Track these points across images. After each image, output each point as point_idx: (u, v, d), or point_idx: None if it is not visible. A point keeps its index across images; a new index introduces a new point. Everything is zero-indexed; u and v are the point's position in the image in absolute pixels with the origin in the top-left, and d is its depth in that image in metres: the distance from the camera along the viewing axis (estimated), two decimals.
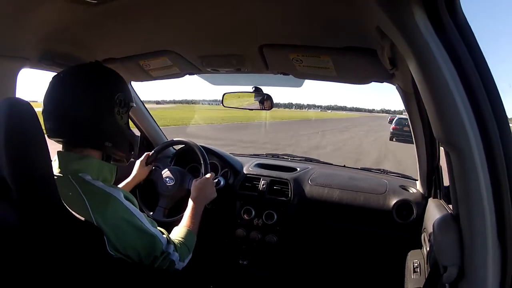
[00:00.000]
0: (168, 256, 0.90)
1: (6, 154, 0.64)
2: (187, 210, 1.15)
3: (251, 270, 1.67)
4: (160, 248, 0.87)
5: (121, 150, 0.93)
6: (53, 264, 0.69)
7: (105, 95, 0.87)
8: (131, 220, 0.82)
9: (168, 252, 0.89)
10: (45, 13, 0.87)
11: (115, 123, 0.89)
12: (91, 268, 0.75)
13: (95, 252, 0.76)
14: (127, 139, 0.94)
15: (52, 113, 0.84)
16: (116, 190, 0.85)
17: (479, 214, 0.57)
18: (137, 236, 0.82)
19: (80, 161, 0.85)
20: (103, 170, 0.88)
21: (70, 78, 0.86)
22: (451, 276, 0.64)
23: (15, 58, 1.07)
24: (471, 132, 0.55)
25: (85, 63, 0.92)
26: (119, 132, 0.91)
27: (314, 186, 1.64)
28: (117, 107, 0.89)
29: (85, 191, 0.80)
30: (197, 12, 0.89)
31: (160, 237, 0.88)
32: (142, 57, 1.26)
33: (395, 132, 14.68)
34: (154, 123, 1.91)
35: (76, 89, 0.84)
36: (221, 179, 1.63)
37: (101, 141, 0.87)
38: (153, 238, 0.86)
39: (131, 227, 0.82)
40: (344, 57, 1.04)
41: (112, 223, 0.79)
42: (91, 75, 0.88)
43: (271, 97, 1.57)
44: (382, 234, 1.49)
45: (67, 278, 0.71)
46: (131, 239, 0.81)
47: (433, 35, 0.56)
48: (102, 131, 0.87)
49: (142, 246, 0.84)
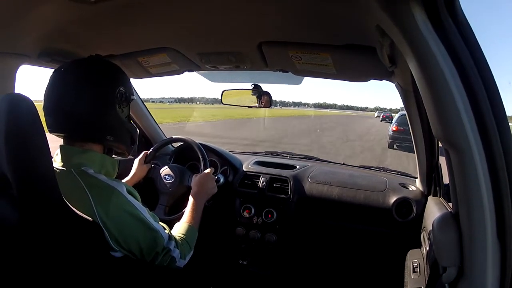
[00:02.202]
0: (169, 253, 0.89)
1: (7, 150, 0.63)
2: (188, 206, 1.15)
3: (250, 270, 1.67)
4: (161, 244, 0.87)
5: (123, 143, 0.94)
6: (54, 261, 0.69)
7: (106, 89, 0.87)
8: (134, 214, 0.83)
9: (169, 249, 0.89)
10: (44, 11, 0.87)
11: (116, 116, 0.89)
12: (93, 266, 0.75)
13: (97, 250, 0.76)
14: (129, 132, 0.95)
15: (53, 108, 0.84)
16: (119, 183, 0.85)
17: (478, 213, 0.57)
18: (139, 230, 0.83)
19: (82, 155, 0.85)
20: (106, 164, 0.89)
21: (72, 73, 0.86)
22: (450, 276, 0.64)
23: (14, 55, 1.07)
24: (470, 130, 0.55)
25: (85, 58, 0.92)
26: (120, 126, 0.91)
27: (313, 183, 1.64)
28: (118, 100, 0.89)
29: (88, 184, 0.80)
30: (196, 9, 0.88)
31: (162, 232, 0.88)
32: (141, 54, 1.26)
33: (397, 136, 9.92)
34: (153, 120, 1.91)
35: (78, 84, 0.84)
36: (221, 177, 1.63)
37: (103, 135, 0.87)
38: (155, 232, 0.86)
39: (134, 221, 0.82)
40: (344, 54, 1.03)
41: (115, 216, 0.79)
42: (93, 69, 0.88)
43: (270, 94, 1.57)
44: (382, 232, 1.49)
45: (68, 276, 0.71)
46: (133, 233, 0.82)
47: (432, 33, 0.56)
48: (103, 125, 0.87)
49: (144, 240, 0.84)
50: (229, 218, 1.69)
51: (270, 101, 1.59)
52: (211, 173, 1.29)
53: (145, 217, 0.85)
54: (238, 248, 1.71)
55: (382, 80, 1.20)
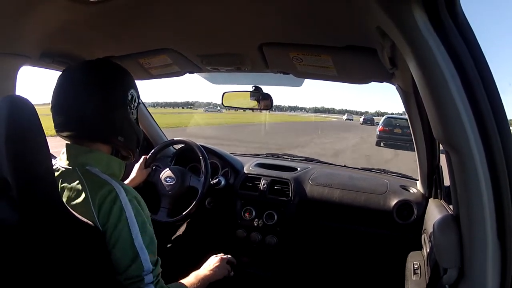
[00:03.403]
0: (141, 282, 0.77)
1: (7, 152, 0.63)
2: (197, 273, 1.03)
3: (250, 272, 1.67)
4: (137, 270, 0.77)
5: (131, 145, 0.93)
6: (52, 264, 0.69)
7: (119, 91, 0.87)
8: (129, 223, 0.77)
9: (142, 277, 0.77)
10: (45, 12, 0.87)
11: (128, 118, 0.89)
12: (91, 268, 0.75)
13: (95, 252, 0.76)
14: (137, 135, 0.94)
15: (64, 107, 0.83)
16: (121, 186, 0.81)
17: (479, 215, 0.57)
18: (125, 241, 0.77)
19: (89, 154, 0.85)
20: (111, 165, 0.88)
21: (83, 74, 0.85)
22: (451, 278, 0.64)
23: (15, 56, 1.07)
24: (471, 132, 0.55)
25: (96, 59, 0.92)
26: (131, 128, 0.91)
27: (314, 185, 1.63)
28: (130, 103, 0.89)
29: (89, 183, 0.79)
30: (197, 11, 0.89)
31: (144, 259, 0.78)
32: (142, 55, 1.26)
33: (383, 135, 11.76)
34: (154, 123, 1.92)
35: (89, 84, 0.83)
36: (222, 179, 1.63)
37: (114, 135, 0.87)
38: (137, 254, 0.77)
39: (126, 232, 0.77)
40: (345, 56, 1.03)
41: (110, 220, 0.76)
42: (105, 71, 0.88)
43: (271, 97, 1.57)
44: (382, 234, 1.49)
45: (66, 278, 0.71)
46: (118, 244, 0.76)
47: (433, 34, 0.56)
48: (116, 125, 0.86)
49: (123, 256, 0.77)
50: (230, 220, 1.69)
51: (271, 104, 1.59)
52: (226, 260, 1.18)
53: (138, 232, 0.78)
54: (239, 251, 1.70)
55: (382, 82, 1.20)
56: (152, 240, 0.82)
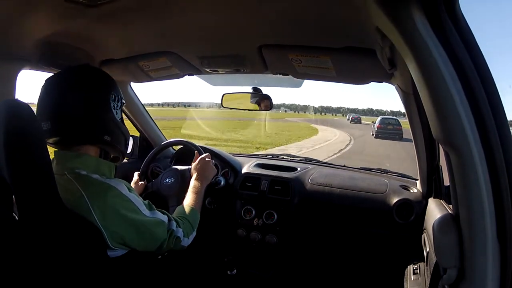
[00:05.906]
0: (174, 233, 0.93)
1: (6, 155, 0.64)
2: (189, 190, 1.19)
3: (250, 272, 1.67)
4: (164, 230, 0.91)
5: (119, 145, 0.95)
6: (52, 263, 0.70)
7: (102, 91, 0.90)
8: (132, 210, 0.85)
9: (172, 229, 0.93)
10: (44, 15, 0.87)
11: (113, 117, 0.91)
12: (90, 266, 0.75)
13: (94, 251, 0.77)
14: (123, 134, 0.96)
15: (49, 113, 0.85)
16: (114, 180, 0.86)
17: (478, 214, 0.57)
18: (138, 229, 0.85)
19: (77, 159, 0.87)
20: (100, 167, 0.90)
21: (66, 80, 0.88)
22: (451, 278, 0.64)
23: (15, 60, 1.07)
24: (470, 133, 0.55)
25: (77, 65, 0.94)
26: (116, 126, 0.93)
27: (314, 185, 1.63)
28: (112, 102, 0.92)
29: (83, 185, 0.81)
30: (196, 13, 0.89)
31: (161, 218, 0.92)
32: (142, 58, 1.26)
33: (379, 130, 16.84)
34: (154, 124, 1.92)
35: (73, 89, 0.86)
36: (222, 179, 1.63)
37: (100, 135, 0.89)
38: (154, 224, 0.89)
39: (131, 220, 0.84)
40: (344, 57, 1.03)
41: (113, 217, 0.80)
42: (86, 75, 0.91)
43: (270, 98, 1.57)
44: (382, 234, 1.49)
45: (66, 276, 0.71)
46: (131, 234, 0.84)
47: (432, 35, 0.56)
48: (101, 125, 0.89)
49: (143, 238, 0.86)
50: (230, 220, 1.69)
51: (270, 104, 1.59)
52: (208, 157, 1.33)
53: (141, 212, 0.87)
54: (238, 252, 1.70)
55: (382, 83, 1.20)
56: (149, 203, 0.93)
